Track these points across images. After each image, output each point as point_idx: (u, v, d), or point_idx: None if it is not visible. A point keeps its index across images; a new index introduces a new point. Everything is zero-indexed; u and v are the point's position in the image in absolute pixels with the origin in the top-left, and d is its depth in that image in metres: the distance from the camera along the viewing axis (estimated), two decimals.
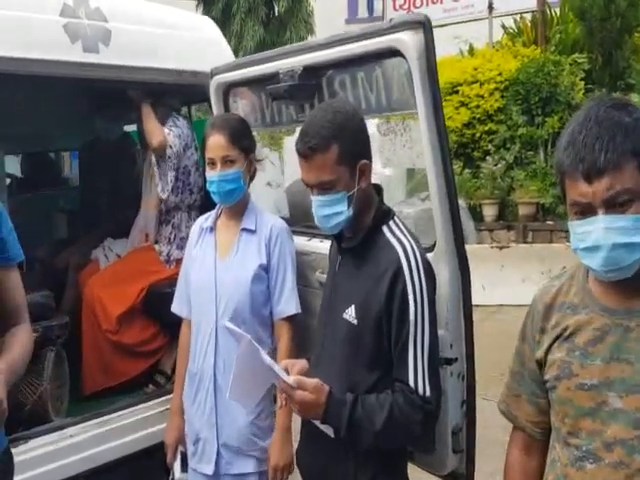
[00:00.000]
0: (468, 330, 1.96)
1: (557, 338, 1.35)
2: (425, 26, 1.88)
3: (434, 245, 1.98)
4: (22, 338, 1.72)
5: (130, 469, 2.58)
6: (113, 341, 2.97)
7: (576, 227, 1.23)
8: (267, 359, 1.56)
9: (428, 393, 1.63)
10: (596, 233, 1.19)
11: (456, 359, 1.94)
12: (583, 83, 9.18)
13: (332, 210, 1.71)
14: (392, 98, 2.08)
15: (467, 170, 9.11)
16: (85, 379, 2.99)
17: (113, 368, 2.99)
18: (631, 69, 9.50)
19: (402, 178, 7.79)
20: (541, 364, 1.40)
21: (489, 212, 8.83)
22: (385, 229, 1.76)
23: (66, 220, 4.38)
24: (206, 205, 3.09)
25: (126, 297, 2.99)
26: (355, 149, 1.71)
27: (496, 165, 8.93)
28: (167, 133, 2.98)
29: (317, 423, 1.68)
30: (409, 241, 1.73)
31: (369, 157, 1.75)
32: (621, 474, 1.23)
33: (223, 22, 14.16)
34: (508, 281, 7.55)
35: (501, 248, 8.19)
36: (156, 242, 3.19)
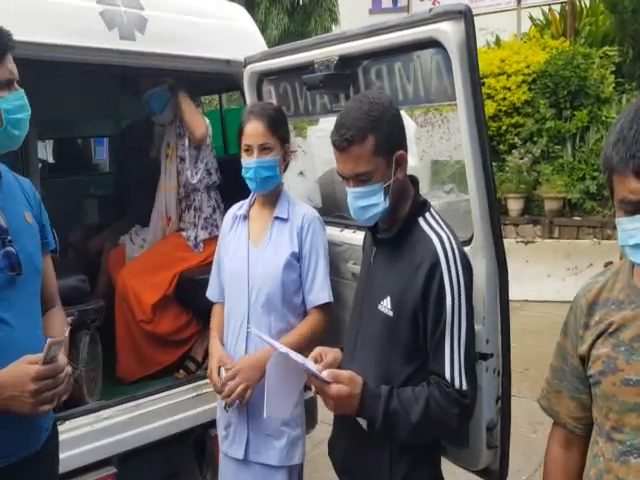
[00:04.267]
0: (504, 326, 1.94)
1: (602, 334, 1.34)
2: (466, 16, 1.86)
3: (470, 239, 1.97)
4: (63, 320, 1.82)
5: (162, 453, 2.61)
6: (147, 331, 3.00)
7: (625, 224, 1.21)
8: (300, 358, 1.57)
9: (465, 387, 1.62)
10: None
11: (492, 355, 1.94)
12: (613, 77, 8.99)
13: (368, 202, 1.70)
14: (430, 89, 2.06)
15: (492, 163, 8.97)
16: (120, 370, 3.03)
17: (147, 358, 3.02)
18: None
19: (426, 170, 7.72)
20: (584, 360, 1.40)
21: (514, 206, 8.72)
22: (421, 220, 1.75)
23: (97, 206, 4.43)
24: (222, 185, 3.16)
25: (158, 286, 3.01)
26: (391, 140, 1.70)
27: (522, 159, 8.82)
28: (208, 122, 3.05)
29: None
30: (446, 233, 1.72)
31: (405, 148, 1.74)
32: None
33: (247, 11, 14.10)
34: (533, 277, 7.48)
35: (526, 243, 8.11)
36: (181, 229, 3.22)
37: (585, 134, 8.74)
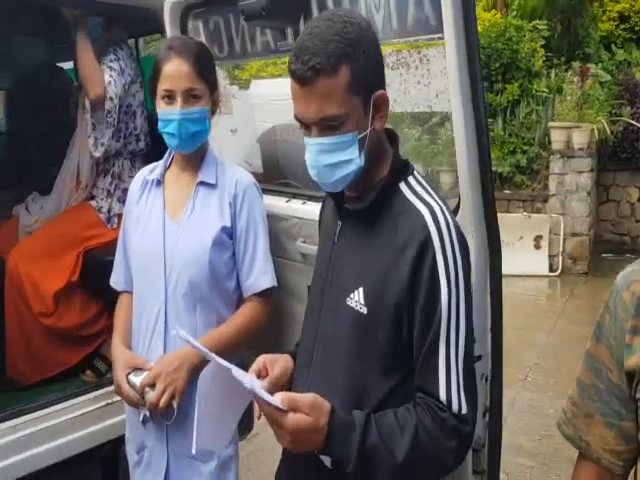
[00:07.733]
0: (495, 322, 1.57)
1: None
2: None
3: (456, 209, 1.57)
4: None
5: (62, 476, 2.15)
6: (47, 325, 2.52)
7: None
8: (246, 378, 1.17)
9: (464, 410, 1.22)
10: None
11: (479, 357, 1.55)
12: (543, 50, 9.03)
13: (339, 157, 1.25)
14: (406, 19, 1.64)
15: (425, 136, 8.87)
16: (11, 373, 2.53)
17: (46, 358, 2.54)
18: (589, 38, 9.43)
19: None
20: (632, 375, 1.04)
21: (446, 180, 8.62)
22: (403, 186, 1.33)
23: None
24: (153, 155, 2.61)
25: (61, 270, 2.53)
26: (371, 74, 1.25)
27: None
28: (108, 82, 2.51)
29: None
30: (437, 203, 1.30)
31: (384, 87, 1.29)
32: None
33: None
34: None
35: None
36: (92, 197, 2.74)
37: (516, 107, 8.77)
